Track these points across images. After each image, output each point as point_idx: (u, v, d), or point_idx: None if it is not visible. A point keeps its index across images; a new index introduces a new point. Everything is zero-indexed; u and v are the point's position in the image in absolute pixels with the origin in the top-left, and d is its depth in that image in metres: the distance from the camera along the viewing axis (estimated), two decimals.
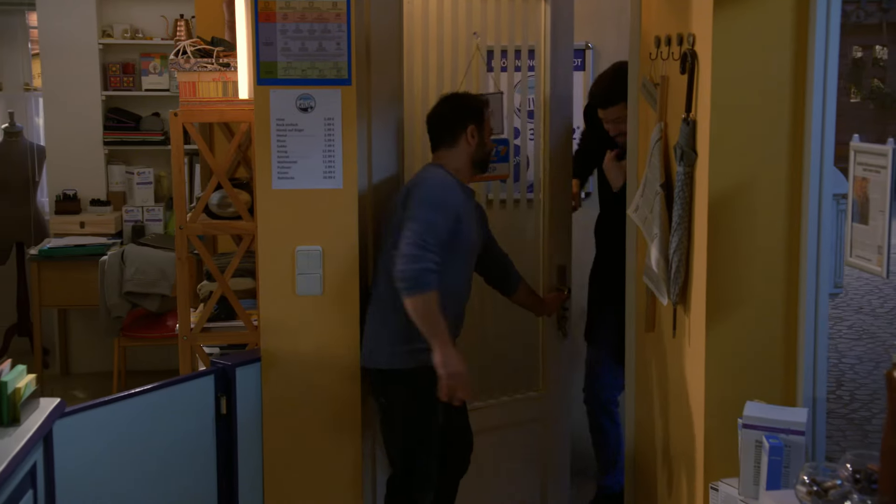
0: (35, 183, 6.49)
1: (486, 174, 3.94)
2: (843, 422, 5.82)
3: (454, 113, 3.57)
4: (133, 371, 6.04)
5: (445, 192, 3.45)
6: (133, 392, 3.22)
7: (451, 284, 3.44)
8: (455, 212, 3.42)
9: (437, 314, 3.29)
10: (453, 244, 3.40)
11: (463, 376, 3.32)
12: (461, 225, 3.43)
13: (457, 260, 3.45)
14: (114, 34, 6.45)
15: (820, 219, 2.97)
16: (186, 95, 3.72)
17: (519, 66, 4.05)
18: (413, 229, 3.30)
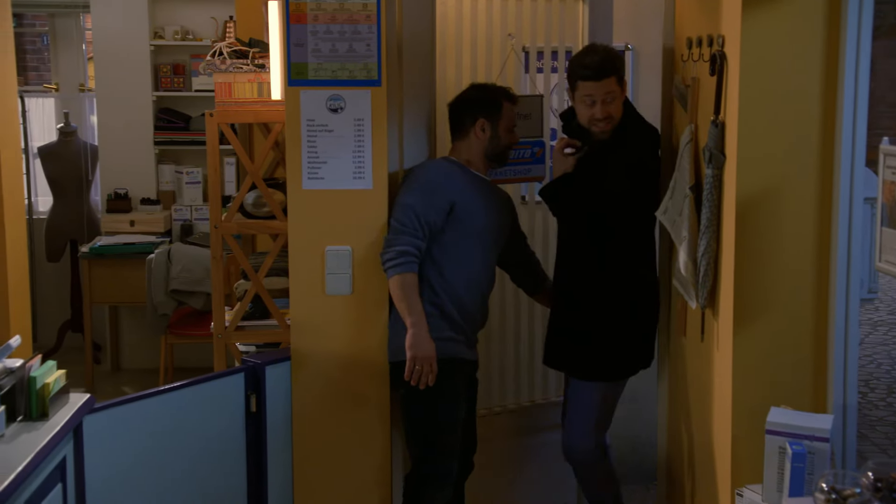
0: (88, 182, 6.63)
1: (523, 176, 3.93)
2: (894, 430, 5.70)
3: (465, 105, 3.57)
4: (181, 368, 6.13)
5: (435, 177, 3.47)
6: (163, 389, 3.28)
7: (465, 270, 3.48)
8: (448, 197, 3.42)
9: (411, 296, 3.35)
10: (455, 229, 3.43)
11: (430, 360, 3.34)
12: (460, 211, 3.43)
13: (467, 246, 3.47)
14: (165, 36, 6.55)
15: (850, 222, 2.91)
16: (222, 96, 3.78)
17: (556, 68, 4.03)
18: (393, 214, 3.42)
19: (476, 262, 3.52)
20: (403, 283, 3.35)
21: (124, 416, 3.13)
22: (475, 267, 3.52)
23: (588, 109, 3.47)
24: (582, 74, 3.43)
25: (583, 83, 3.44)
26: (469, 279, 3.49)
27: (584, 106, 3.47)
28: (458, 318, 3.46)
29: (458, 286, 3.44)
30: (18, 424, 2.72)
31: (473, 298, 3.52)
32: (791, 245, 2.97)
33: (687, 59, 3.39)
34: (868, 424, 5.70)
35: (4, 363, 2.78)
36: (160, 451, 3.23)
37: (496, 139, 3.54)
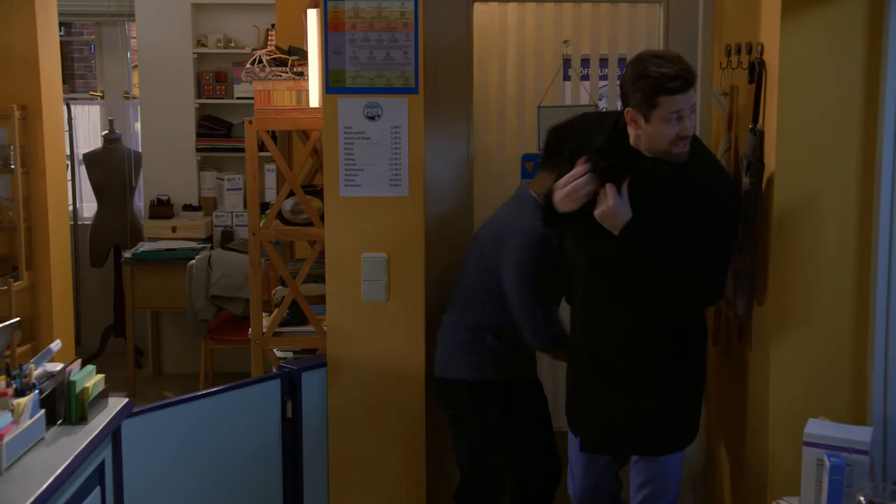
0: (132, 188, 6.71)
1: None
2: None
3: (561, 143, 3.24)
4: (221, 373, 6.18)
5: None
6: (200, 394, 3.31)
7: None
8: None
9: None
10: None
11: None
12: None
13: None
14: (207, 44, 6.63)
15: (891, 232, 2.87)
16: (261, 104, 3.81)
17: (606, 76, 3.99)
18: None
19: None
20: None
21: (162, 420, 3.16)
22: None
23: (673, 128, 2.84)
24: (669, 88, 2.80)
25: (669, 98, 2.81)
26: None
27: (667, 125, 2.84)
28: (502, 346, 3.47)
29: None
30: (58, 428, 2.76)
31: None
32: (831, 254, 2.93)
33: (725, 66, 3.36)
34: None
35: (45, 367, 2.82)
36: (197, 455, 3.26)
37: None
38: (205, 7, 6.63)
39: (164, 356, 6.70)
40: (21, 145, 4.89)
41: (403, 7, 3.41)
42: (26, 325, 5.02)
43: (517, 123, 3.91)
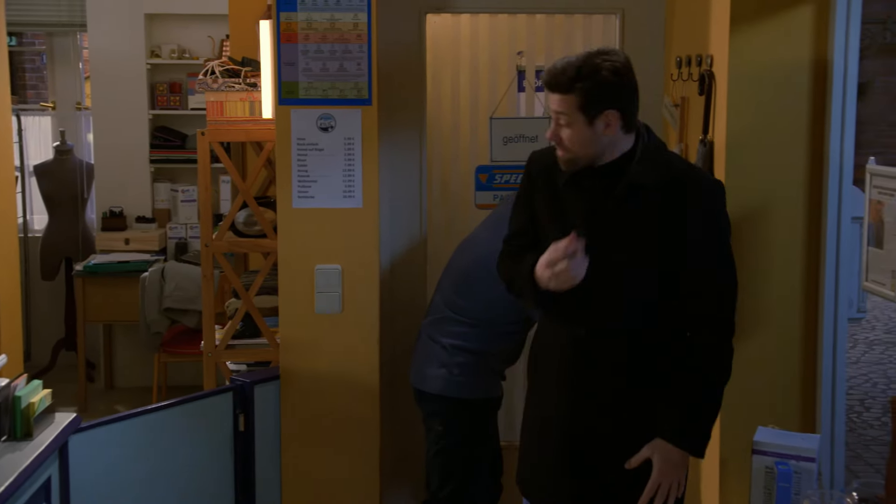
0: (84, 200, 6.63)
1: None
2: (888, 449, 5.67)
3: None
4: (174, 386, 6.11)
5: None
6: (150, 408, 3.27)
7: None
8: None
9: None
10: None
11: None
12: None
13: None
14: (161, 54, 6.57)
15: (838, 242, 2.92)
16: (214, 115, 3.78)
17: None
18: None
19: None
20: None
21: (111, 435, 3.12)
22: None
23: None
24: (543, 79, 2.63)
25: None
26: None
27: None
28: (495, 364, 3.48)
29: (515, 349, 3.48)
30: (2, 444, 2.72)
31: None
32: (779, 264, 2.97)
33: (676, 78, 3.40)
34: (863, 444, 5.67)
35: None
36: (147, 470, 3.22)
37: None
38: (158, 17, 6.57)
39: (117, 370, 6.60)
40: None
41: (356, 18, 3.41)
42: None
43: (471, 135, 3.92)
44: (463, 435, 3.42)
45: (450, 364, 3.35)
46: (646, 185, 2.51)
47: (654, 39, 3.71)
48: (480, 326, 3.33)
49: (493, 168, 3.80)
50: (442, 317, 3.39)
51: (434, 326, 3.41)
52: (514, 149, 3.77)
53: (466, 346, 3.34)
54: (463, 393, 3.37)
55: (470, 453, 3.43)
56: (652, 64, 3.70)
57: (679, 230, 2.51)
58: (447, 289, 3.43)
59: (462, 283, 3.38)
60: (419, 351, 3.45)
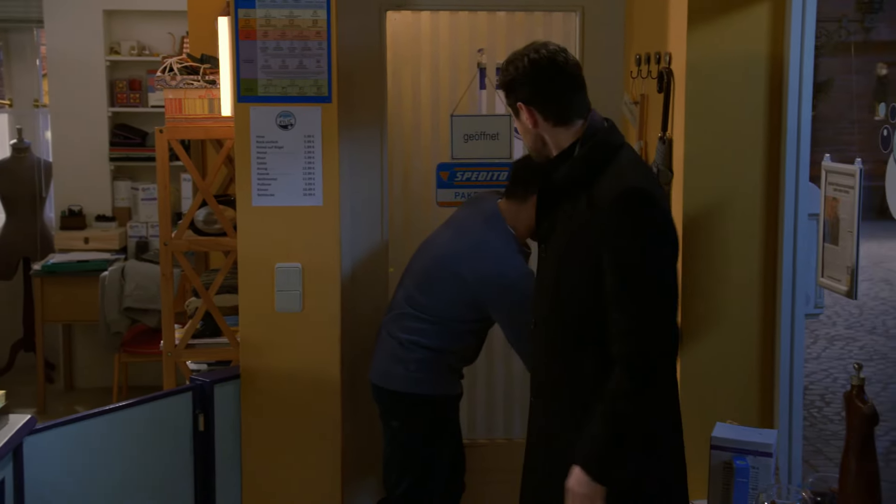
0: (42, 198, 6.55)
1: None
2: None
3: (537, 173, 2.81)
4: (136, 386, 6.05)
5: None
6: (108, 408, 3.23)
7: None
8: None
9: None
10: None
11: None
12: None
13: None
14: (121, 51, 6.51)
15: (795, 238, 2.94)
16: (172, 112, 3.74)
17: None
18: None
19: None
20: None
21: (67, 436, 3.08)
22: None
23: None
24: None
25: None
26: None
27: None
28: (454, 362, 3.47)
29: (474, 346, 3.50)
30: None
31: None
32: (738, 261, 2.99)
33: (636, 75, 3.41)
34: (823, 439, 5.74)
35: None
36: (105, 471, 3.18)
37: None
38: (117, 14, 6.50)
39: (77, 370, 6.54)
40: None
41: (316, 16, 3.39)
42: None
43: (432, 132, 3.92)
44: (421, 432, 3.42)
45: (407, 360, 3.35)
46: (559, 186, 2.46)
47: (613, 37, 3.72)
48: (440, 324, 3.33)
49: (454, 165, 3.80)
50: (401, 313, 3.39)
51: (393, 322, 3.41)
52: (475, 146, 3.77)
53: (424, 343, 3.34)
54: (420, 389, 3.37)
55: (428, 451, 3.43)
56: (612, 61, 3.72)
57: (583, 236, 2.37)
58: (409, 286, 3.43)
59: (424, 281, 3.39)
60: (378, 347, 3.46)
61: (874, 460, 2.23)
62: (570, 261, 2.43)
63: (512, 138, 3.82)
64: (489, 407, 4.13)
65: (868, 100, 13.91)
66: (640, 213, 2.29)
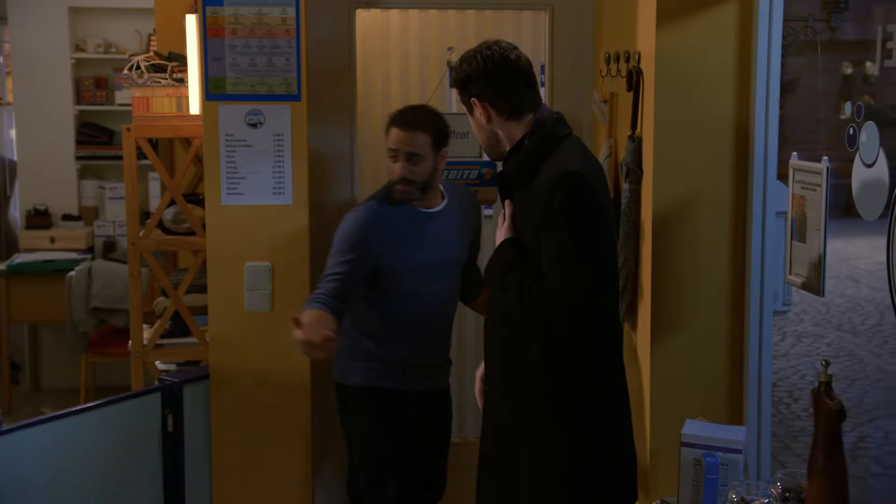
0: (6, 197, 6.47)
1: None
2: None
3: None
4: (104, 387, 5.99)
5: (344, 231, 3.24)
6: (76, 409, 3.20)
7: (392, 315, 3.29)
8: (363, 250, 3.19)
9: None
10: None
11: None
12: (383, 250, 3.21)
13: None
14: (87, 49, 6.44)
15: (764, 236, 2.96)
16: (140, 110, 3.72)
17: None
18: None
19: (405, 306, 3.29)
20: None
21: (34, 438, 3.05)
22: (393, 307, 3.29)
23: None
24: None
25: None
26: (393, 315, 3.29)
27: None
28: (373, 348, 3.32)
29: (379, 321, 3.30)
30: None
31: (403, 334, 3.31)
32: (707, 259, 3.01)
33: (605, 74, 3.42)
34: (791, 435, 5.79)
35: None
36: (74, 472, 3.15)
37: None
38: (83, 11, 6.44)
39: (43, 371, 6.46)
40: None
41: (284, 13, 3.37)
42: None
43: None
44: (343, 424, 3.39)
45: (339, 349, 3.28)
46: (507, 176, 2.61)
47: (583, 35, 3.73)
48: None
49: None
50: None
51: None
52: None
53: (344, 328, 3.24)
54: (336, 377, 3.38)
55: (354, 445, 3.36)
56: (581, 60, 3.73)
57: (530, 223, 2.51)
58: None
59: None
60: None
61: (841, 456, 2.24)
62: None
63: None
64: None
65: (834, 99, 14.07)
66: (574, 194, 2.44)
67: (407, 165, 3.15)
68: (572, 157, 2.53)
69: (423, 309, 3.31)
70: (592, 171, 2.56)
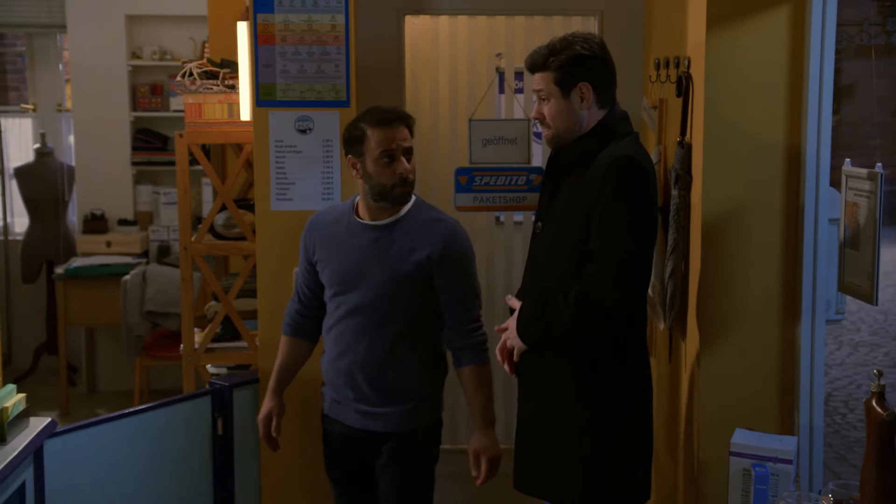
0: (65, 203, 6.60)
1: (517, 204, 3.73)
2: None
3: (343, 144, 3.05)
4: (157, 390, 6.08)
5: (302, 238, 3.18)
6: (127, 412, 3.25)
7: (327, 322, 3.13)
8: (304, 254, 3.14)
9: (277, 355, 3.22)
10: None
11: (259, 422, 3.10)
12: (318, 264, 3.10)
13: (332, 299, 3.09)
14: (143, 56, 6.55)
15: (816, 243, 2.91)
16: (192, 117, 3.77)
17: None
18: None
19: (337, 318, 3.07)
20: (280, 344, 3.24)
21: (87, 439, 3.10)
22: (330, 325, 3.11)
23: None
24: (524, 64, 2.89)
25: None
26: (324, 329, 3.15)
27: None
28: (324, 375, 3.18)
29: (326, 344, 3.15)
30: None
31: (330, 359, 3.12)
32: (757, 266, 2.96)
33: (655, 80, 3.40)
34: (846, 446, 5.69)
35: None
36: (125, 474, 3.20)
37: (368, 176, 2.95)
38: (139, 19, 6.55)
39: (99, 373, 6.58)
40: None
41: (334, 20, 3.40)
42: None
43: (450, 137, 3.92)
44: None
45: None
46: (565, 157, 2.73)
47: (632, 41, 3.71)
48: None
49: (472, 170, 3.78)
50: None
51: None
52: (493, 151, 3.75)
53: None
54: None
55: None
56: (631, 66, 3.70)
57: (579, 208, 2.63)
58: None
59: None
60: None
61: (894, 468, 2.20)
62: (564, 234, 2.68)
63: (531, 143, 3.81)
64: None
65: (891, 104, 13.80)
66: (629, 176, 2.59)
67: (407, 163, 2.94)
68: (633, 147, 2.68)
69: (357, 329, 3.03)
70: (649, 160, 2.71)
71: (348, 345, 3.03)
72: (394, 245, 2.99)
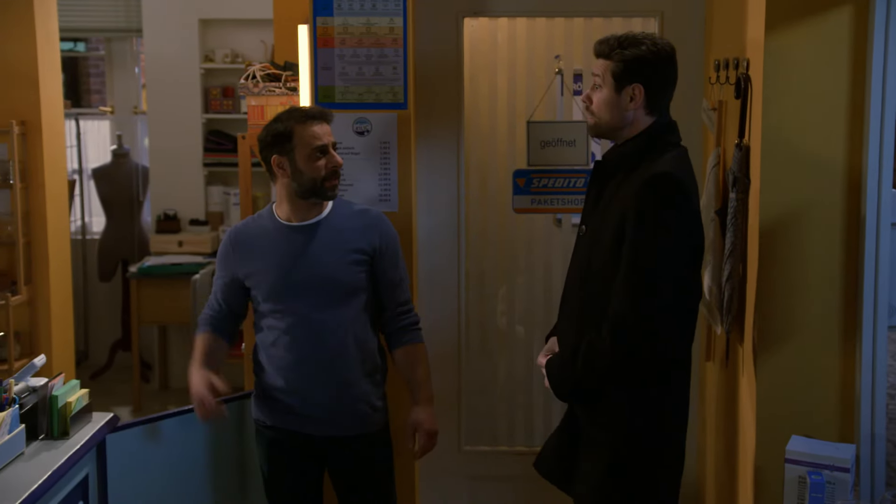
0: (139, 203, 6.76)
1: (573, 207, 3.78)
2: None
3: (259, 147, 3.07)
4: None
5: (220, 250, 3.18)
6: (188, 408, 3.31)
7: (259, 334, 3.16)
8: (227, 269, 3.14)
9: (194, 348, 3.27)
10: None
11: (195, 396, 3.04)
12: (246, 269, 3.09)
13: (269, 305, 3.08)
14: (215, 59, 6.68)
15: (878, 248, 2.84)
16: (255, 118, 3.84)
17: None
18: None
19: (279, 321, 3.07)
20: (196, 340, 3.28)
21: (149, 434, 3.17)
22: (264, 330, 3.14)
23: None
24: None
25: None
26: (263, 342, 3.15)
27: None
28: (258, 381, 3.21)
29: (260, 350, 3.18)
30: (39, 443, 2.78)
31: (270, 364, 3.14)
32: (817, 270, 2.90)
33: (714, 81, 3.35)
34: None
35: (27, 382, 2.84)
36: (186, 469, 3.27)
37: (300, 173, 2.96)
38: (212, 22, 6.68)
39: (171, 370, 6.72)
40: (20, 160, 4.91)
41: (392, 23, 3.42)
42: (25, 339, 5.04)
43: (508, 139, 3.92)
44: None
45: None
46: (607, 163, 2.69)
47: (693, 42, 3.67)
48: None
49: (530, 172, 3.78)
50: None
51: None
52: (551, 153, 3.75)
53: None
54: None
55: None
56: (691, 67, 3.65)
57: (611, 219, 2.58)
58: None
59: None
60: None
61: None
62: (601, 237, 2.62)
63: (589, 145, 3.79)
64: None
65: None
66: (666, 195, 2.52)
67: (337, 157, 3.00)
68: (673, 163, 2.61)
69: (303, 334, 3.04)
70: (691, 178, 2.63)
71: (312, 346, 3.01)
72: (332, 240, 3.02)
